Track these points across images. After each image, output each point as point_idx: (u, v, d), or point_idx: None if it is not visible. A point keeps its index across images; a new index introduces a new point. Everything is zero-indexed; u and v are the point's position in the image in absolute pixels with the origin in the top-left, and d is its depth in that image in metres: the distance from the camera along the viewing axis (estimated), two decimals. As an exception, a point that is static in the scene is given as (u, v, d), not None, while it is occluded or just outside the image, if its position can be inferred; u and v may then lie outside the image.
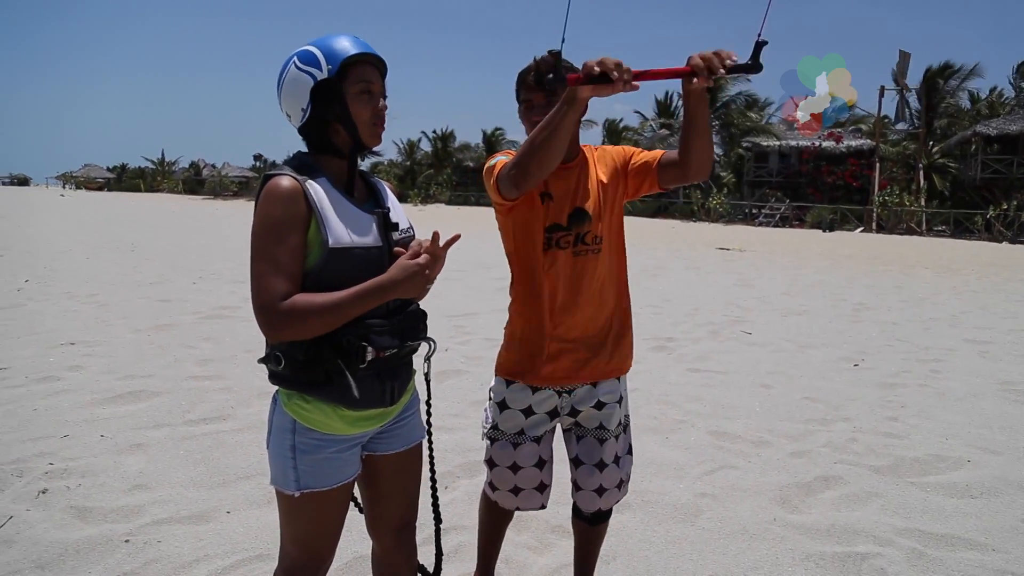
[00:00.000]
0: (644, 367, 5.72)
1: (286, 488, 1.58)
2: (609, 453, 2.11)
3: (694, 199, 35.64)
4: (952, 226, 28.85)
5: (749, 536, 2.96)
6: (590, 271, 1.99)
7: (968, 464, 3.80)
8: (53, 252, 13.24)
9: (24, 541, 2.74)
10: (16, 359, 5.36)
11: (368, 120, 1.58)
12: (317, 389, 1.54)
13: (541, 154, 1.67)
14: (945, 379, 5.60)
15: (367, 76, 1.57)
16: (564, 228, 1.95)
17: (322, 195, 1.53)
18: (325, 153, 1.62)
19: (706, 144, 1.83)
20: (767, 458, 3.82)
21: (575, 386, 2.05)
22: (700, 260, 15.19)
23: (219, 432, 3.95)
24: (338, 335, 1.51)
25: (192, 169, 73.38)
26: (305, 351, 1.51)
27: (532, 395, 2.04)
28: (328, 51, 1.54)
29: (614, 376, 2.10)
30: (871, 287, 11.34)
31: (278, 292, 1.45)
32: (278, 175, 1.52)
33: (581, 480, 2.12)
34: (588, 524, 2.22)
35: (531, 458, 2.07)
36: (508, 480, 2.08)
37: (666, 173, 1.95)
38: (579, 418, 2.10)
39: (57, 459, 3.52)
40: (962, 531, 3.04)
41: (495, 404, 2.09)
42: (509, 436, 2.06)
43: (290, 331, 1.45)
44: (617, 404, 2.12)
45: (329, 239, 1.50)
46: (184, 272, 10.72)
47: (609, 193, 2.01)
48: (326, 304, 1.45)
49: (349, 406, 1.56)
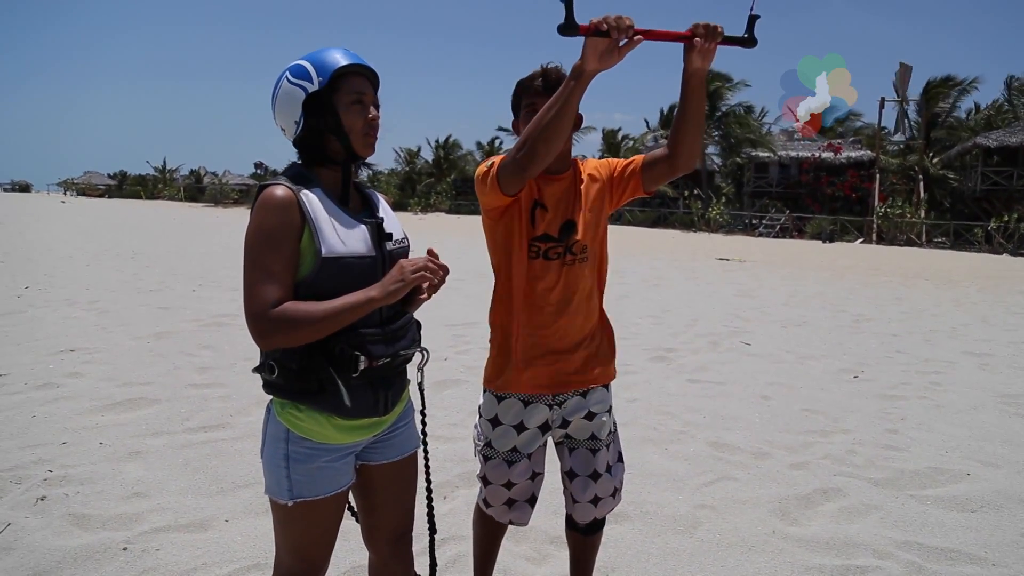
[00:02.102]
0: (643, 377, 5.72)
1: (279, 497, 1.58)
2: (602, 463, 2.13)
3: (694, 209, 35.69)
4: (952, 238, 28.88)
5: (748, 548, 2.95)
6: (578, 280, 2.01)
7: (968, 477, 3.80)
8: (53, 259, 13.26)
9: (22, 548, 2.74)
10: (15, 366, 5.36)
11: (360, 130, 1.60)
12: (310, 398, 1.55)
13: (550, 132, 1.68)
14: (945, 391, 5.60)
15: (358, 87, 1.59)
16: (555, 239, 1.97)
17: (316, 205, 1.55)
18: (319, 164, 1.64)
19: (699, 135, 1.89)
20: (766, 470, 3.82)
21: (566, 397, 2.06)
22: (700, 270, 15.21)
23: (218, 440, 3.94)
24: (331, 344, 1.52)
25: (193, 177, 73.53)
26: (298, 360, 1.52)
27: (524, 409, 2.04)
28: (319, 64, 1.57)
29: (603, 384, 2.13)
30: (871, 298, 11.35)
31: (269, 300, 1.46)
32: (273, 185, 1.54)
33: (576, 493, 2.13)
34: (583, 534, 2.23)
35: (525, 473, 2.08)
36: (502, 496, 2.09)
37: (651, 172, 2.00)
38: (570, 430, 2.10)
39: (56, 466, 3.52)
40: (962, 545, 3.04)
41: (487, 421, 2.08)
42: (503, 454, 2.06)
43: (280, 338, 1.46)
44: (607, 413, 2.15)
45: (322, 248, 1.51)
46: (184, 279, 10.73)
47: (597, 205, 2.05)
48: (317, 312, 1.46)
49: (342, 415, 1.57)
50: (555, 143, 1.71)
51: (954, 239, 28.83)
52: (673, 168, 1.95)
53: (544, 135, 1.69)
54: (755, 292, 11.70)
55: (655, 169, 1.99)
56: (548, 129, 1.68)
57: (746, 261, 18.03)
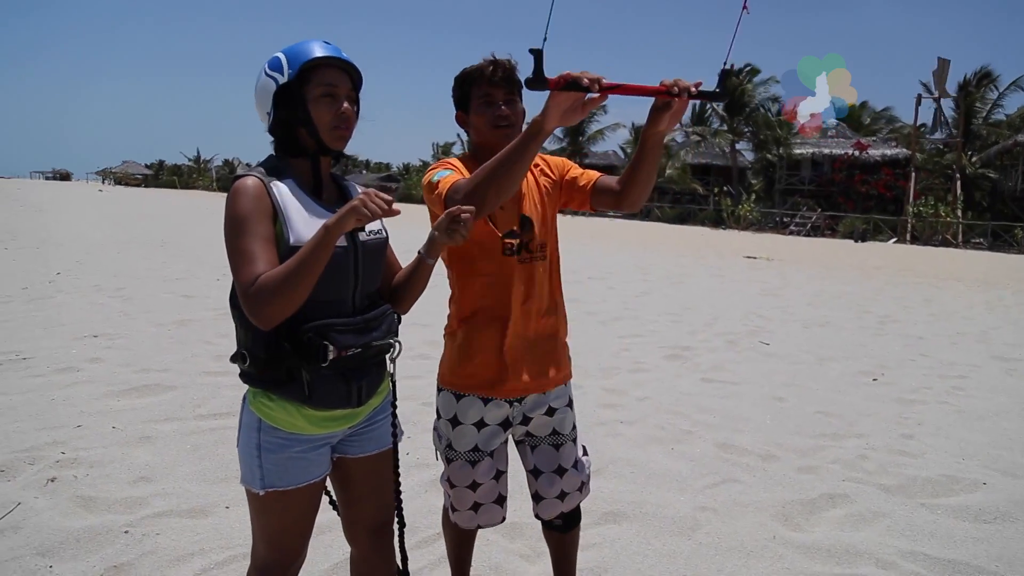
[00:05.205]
0: (656, 376, 5.67)
1: (252, 486, 1.60)
2: (568, 458, 2.12)
3: (724, 206, 35.23)
4: (990, 238, 28.11)
5: (746, 553, 2.91)
6: (538, 278, 2.01)
7: (984, 487, 3.69)
8: (86, 246, 13.58)
9: (29, 528, 2.81)
10: (41, 349, 5.51)
11: (328, 123, 1.59)
12: (280, 387, 1.55)
13: (503, 184, 1.66)
14: (967, 397, 5.45)
15: (330, 79, 1.58)
16: (514, 235, 1.97)
17: (286, 194, 1.56)
18: (292, 156, 1.64)
19: (649, 187, 1.93)
20: (773, 473, 3.76)
21: (525, 395, 2.05)
22: (726, 268, 15.01)
23: (226, 428, 4.00)
24: (298, 333, 1.51)
25: (227, 167, 74.75)
26: (265, 348, 1.53)
27: (484, 407, 2.02)
28: (291, 55, 1.57)
29: (563, 383, 2.13)
30: (899, 299, 11.09)
31: (252, 278, 1.45)
32: (244, 176, 1.55)
33: (542, 490, 2.12)
34: (561, 532, 2.22)
35: (489, 472, 2.06)
36: (467, 499, 2.07)
37: (600, 197, 2.03)
38: (531, 427, 2.09)
39: (69, 448, 3.60)
40: (970, 557, 2.95)
41: (447, 421, 2.05)
42: (465, 454, 2.04)
43: (270, 308, 1.43)
44: (568, 408, 2.14)
45: (291, 237, 1.52)
46: (209, 268, 10.90)
47: (548, 201, 2.05)
48: (288, 265, 1.44)
49: (311, 405, 1.57)
50: (507, 194, 1.69)
51: (992, 240, 28.05)
52: (618, 205, 1.99)
53: (495, 186, 1.66)
54: (780, 291, 11.51)
55: (604, 196, 2.02)
56: (502, 181, 1.65)
57: (773, 260, 17.76)
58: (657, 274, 12.92)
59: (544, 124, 1.58)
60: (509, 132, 1.93)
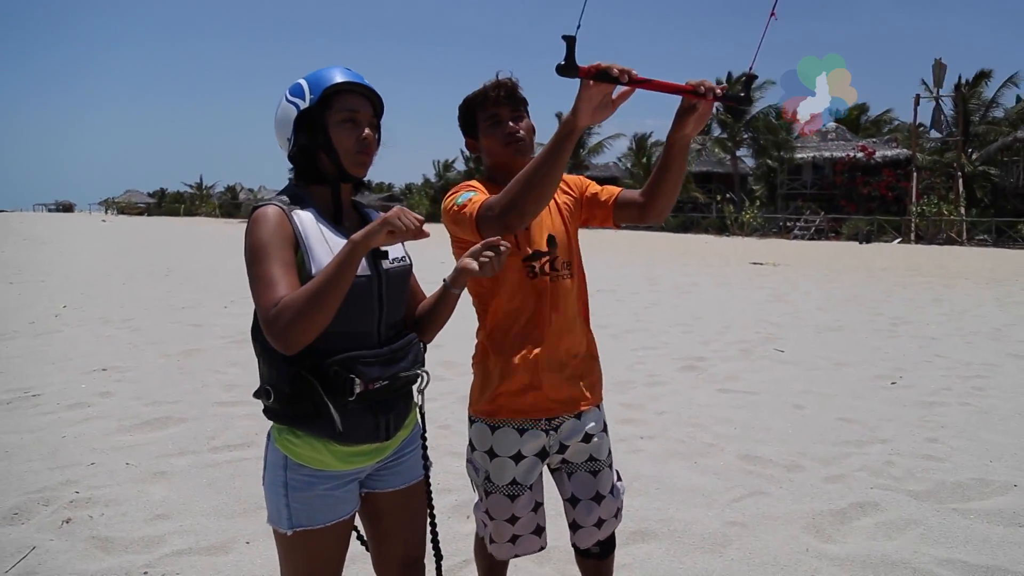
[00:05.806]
0: (672, 388, 5.60)
1: (279, 526, 1.55)
2: (605, 484, 2.06)
3: (727, 213, 35.20)
4: (995, 235, 28.01)
5: (780, 568, 2.83)
6: (565, 297, 1.96)
7: (1015, 489, 3.62)
8: (91, 277, 13.58)
9: (45, 572, 2.76)
10: (49, 385, 5.47)
11: (350, 149, 1.56)
12: (306, 423, 1.51)
13: (541, 190, 1.61)
14: (988, 397, 5.37)
15: (352, 105, 1.56)
16: (540, 255, 1.93)
17: (308, 224, 1.52)
18: (313, 183, 1.61)
19: (675, 194, 1.89)
20: (799, 483, 3.69)
21: (561, 421, 1.99)
22: (732, 275, 14.95)
23: (242, 460, 3.94)
24: (324, 367, 1.47)
25: (229, 193, 75.12)
26: (291, 383, 1.48)
27: (520, 437, 1.96)
28: (313, 81, 1.55)
29: (595, 404, 2.07)
30: (909, 300, 11.02)
31: (273, 301, 1.40)
32: (264, 205, 1.52)
33: (580, 518, 2.05)
34: (599, 559, 2.15)
35: (528, 505, 2.00)
36: (506, 532, 2.01)
37: (623, 212, 2.00)
38: (567, 454, 2.03)
39: (82, 487, 3.55)
40: (1009, 563, 2.87)
41: (483, 453, 1.99)
42: (504, 488, 1.97)
43: (292, 331, 1.37)
44: (604, 433, 2.08)
45: (312, 267, 1.48)
46: (216, 295, 10.89)
47: (570, 219, 2.02)
48: (310, 288, 1.39)
49: (339, 441, 1.52)
50: (545, 201, 1.65)
51: (996, 236, 27.95)
52: (644, 217, 1.96)
53: (534, 194, 1.61)
54: (788, 297, 11.45)
55: (627, 210, 1.99)
56: (540, 188, 1.61)
57: (779, 265, 17.70)
58: (665, 284, 12.86)
59: (576, 121, 1.55)
60: (522, 147, 1.90)
